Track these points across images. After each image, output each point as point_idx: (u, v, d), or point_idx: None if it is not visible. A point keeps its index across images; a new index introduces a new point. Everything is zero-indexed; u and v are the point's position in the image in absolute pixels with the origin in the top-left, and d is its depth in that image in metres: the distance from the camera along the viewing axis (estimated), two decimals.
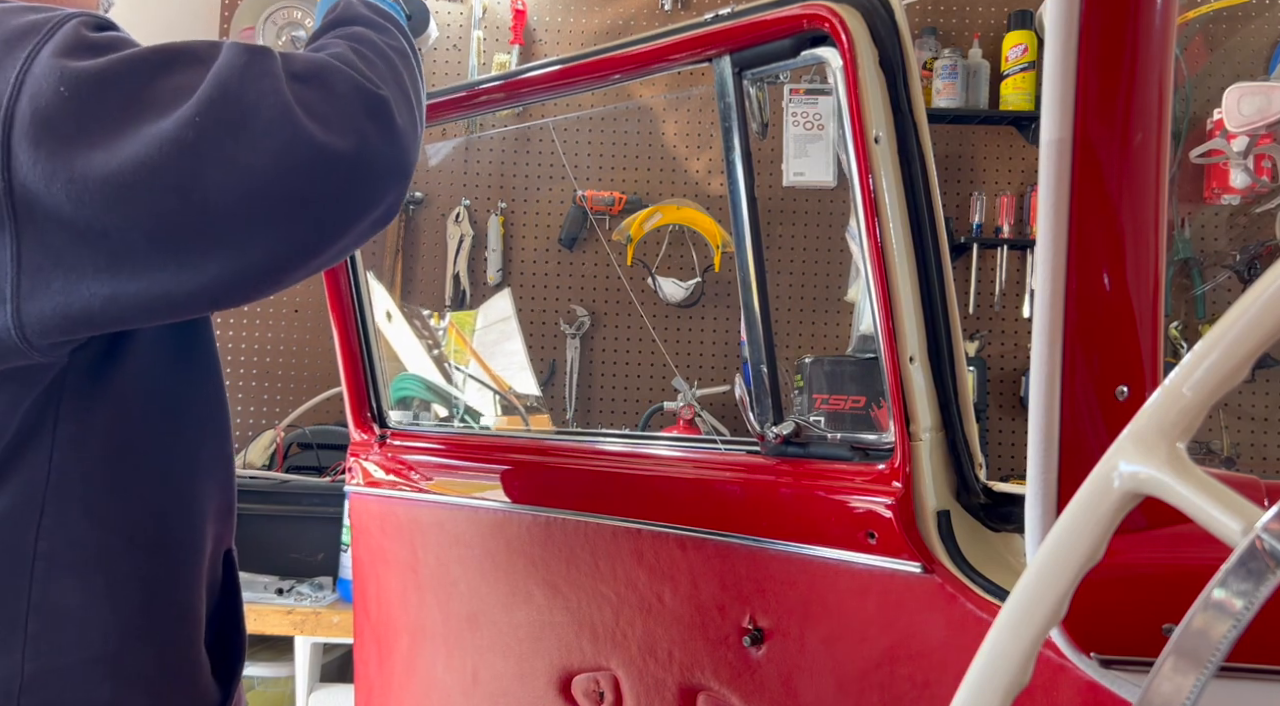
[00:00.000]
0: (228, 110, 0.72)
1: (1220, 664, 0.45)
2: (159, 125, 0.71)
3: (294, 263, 0.77)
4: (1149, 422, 0.50)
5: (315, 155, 0.74)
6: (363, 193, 0.78)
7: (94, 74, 0.73)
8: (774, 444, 1.14)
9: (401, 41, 0.94)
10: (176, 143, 0.71)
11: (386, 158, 0.79)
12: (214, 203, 0.71)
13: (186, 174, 0.71)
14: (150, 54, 0.75)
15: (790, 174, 3.00)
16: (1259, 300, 0.48)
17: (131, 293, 0.75)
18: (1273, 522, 0.44)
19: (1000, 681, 0.51)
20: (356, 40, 0.89)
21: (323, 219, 0.76)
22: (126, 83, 0.73)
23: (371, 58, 0.86)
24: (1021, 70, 3.02)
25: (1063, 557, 0.51)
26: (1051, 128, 0.76)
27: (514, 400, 2.54)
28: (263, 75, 0.75)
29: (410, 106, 0.86)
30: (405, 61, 0.92)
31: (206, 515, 0.97)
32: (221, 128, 0.72)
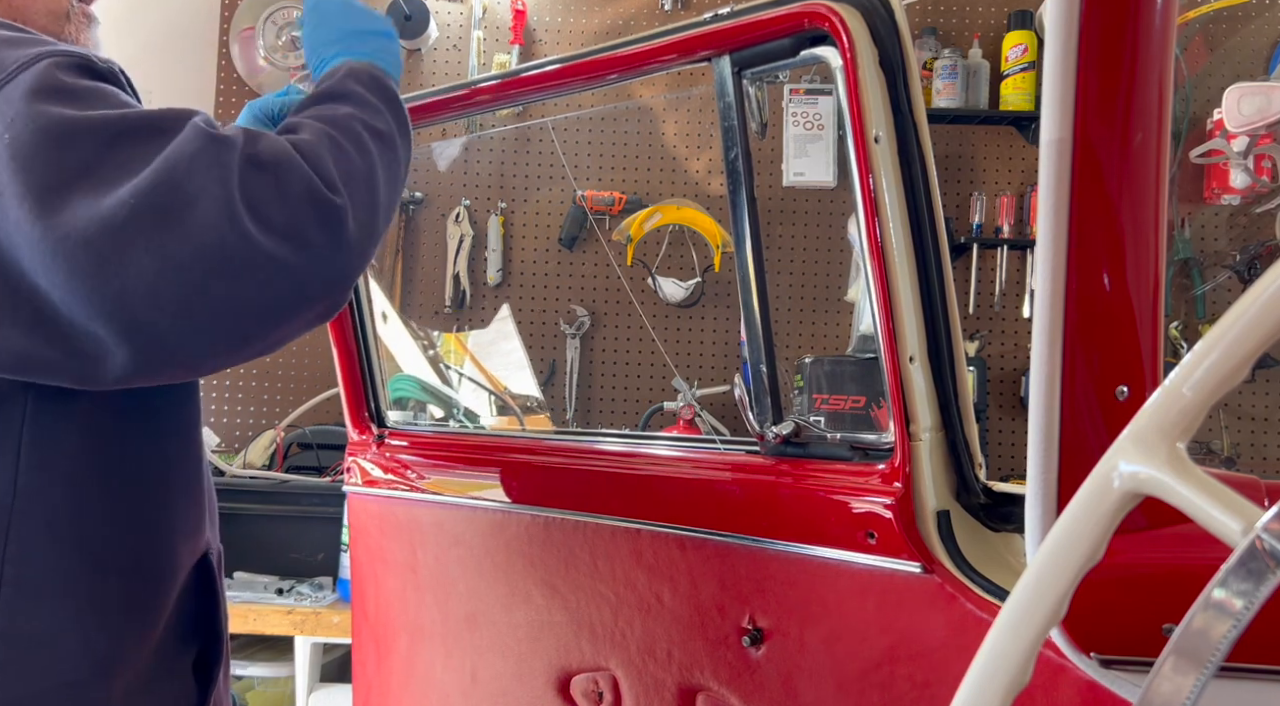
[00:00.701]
0: (166, 196, 0.70)
1: (1220, 664, 0.45)
2: (97, 201, 0.69)
3: (211, 360, 0.76)
4: (1149, 422, 0.50)
5: (248, 259, 0.71)
6: (294, 301, 0.76)
7: (46, 129, 0.70)
8: (774, 444, 1.14)
9: (390, 125, 0.92)
10: (105, 222, 0.69)
11: (327, 268, 0.77)
12: (133, 290, 0.69)
13: (110, 255, 0.69)
14: (110, 121, 0.73)
15: (790, 174, 3.00)
16: (1259, 300, 0.48)
17: (38, 358, 0.73)
18: (1273, 522, 0.44)
19: (1000, 681, 0.51)
20: (338, 126, 0.85)
21: (246, 323, 0.74)
22: (76, 146, 0.71)
23: (347, 149, 0.83)
24: (1021, 70, 3.02)
25: (1063, 557, 0.51)
26: (1051, 128, 0.76)
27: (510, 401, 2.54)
28: (213, 165, 0.72)
29: (373, 209, 0.83)
30: (387, 151, 0.89)
31: (180, 533, 0.94)
32: (155, 214, 0.70)
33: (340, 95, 0.92)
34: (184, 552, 0.95)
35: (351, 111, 0.89)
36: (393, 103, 0.95)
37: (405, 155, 0.94)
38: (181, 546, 0.94)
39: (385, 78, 0.99)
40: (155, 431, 0.92)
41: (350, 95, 0.92)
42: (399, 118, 0.95)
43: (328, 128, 0.84)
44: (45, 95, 0.72)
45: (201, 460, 0.99)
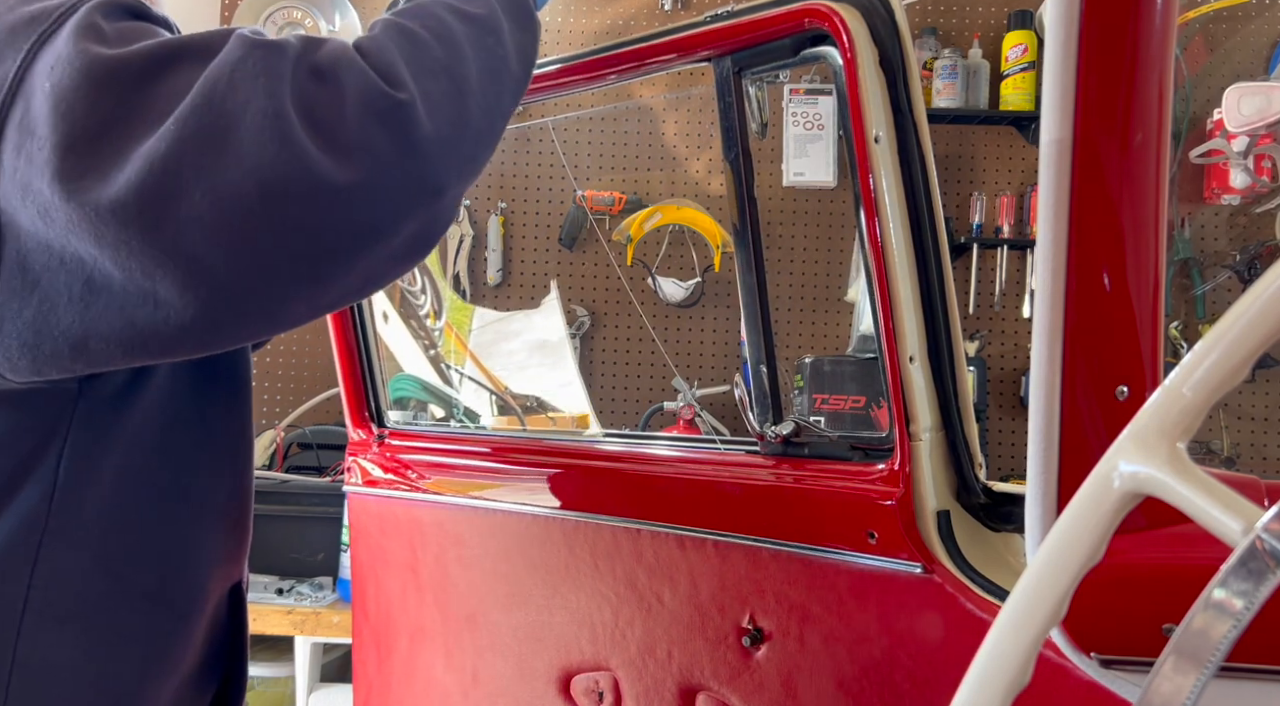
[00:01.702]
0: (209, 119, 0.62)
1: (1220, 664, 0.45)
2: (142, 141, 0.62)
3: (289, 305, 0.67)
4: (1149, 422, 0.50)
5: (306, 181, 0.62)
6: (367, 221, 0.66)
7: (85, 70, 0.63)
8: (774, 444, 1.14)
9: (497, 18, 0.78)
10: (152, 161, 0.61)
11: (398, 178, 0.66)
12: (189, 232, 0.61)
13: (161, 197, 0.61)
14: (149, 52, 0.65)
15: (790, 174, 3.00)
16: (1259, 300, 0.48)
17: (104, 332, 0.65)
18: (1273, 522, 0.44)
19: (1000, 681, 0.51)
20: (416, 14, 0.74)
21: (317, 253, 0.65)
22: (121, 89, 0.64)
23: (420, 38, 0.71)
24: (1021, 70, 3.02)
25: (1063, 557, 0.51)
26: (1051, 128, 0.76)
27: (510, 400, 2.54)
28: (258, 74, 0.63)
29: (459, 98, 0.71)
30: (481, 33, 0.75)
31: (217, 563, 0.87)
32: (200, 142, 0.62)
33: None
34: (217, 582, 0.88)
35: (445, 7, 0.76)
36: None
37: (518, 34, 0.79)
38: (216, 576, 0.87)
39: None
40: (204, 454, 0.84)
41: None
42: (517, 13, 0.81)
43: (402, 19, 0.73)
44: (88, 36, 0.65)
45: (249, 484, 0.91)
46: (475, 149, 0.72)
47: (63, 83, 0.63)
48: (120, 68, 0.64)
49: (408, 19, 0.73)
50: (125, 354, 0.67)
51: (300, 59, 0.65)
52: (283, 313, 0.68)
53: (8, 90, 0.65)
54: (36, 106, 0.63)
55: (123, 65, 0.64)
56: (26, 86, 0.64)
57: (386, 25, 0.72)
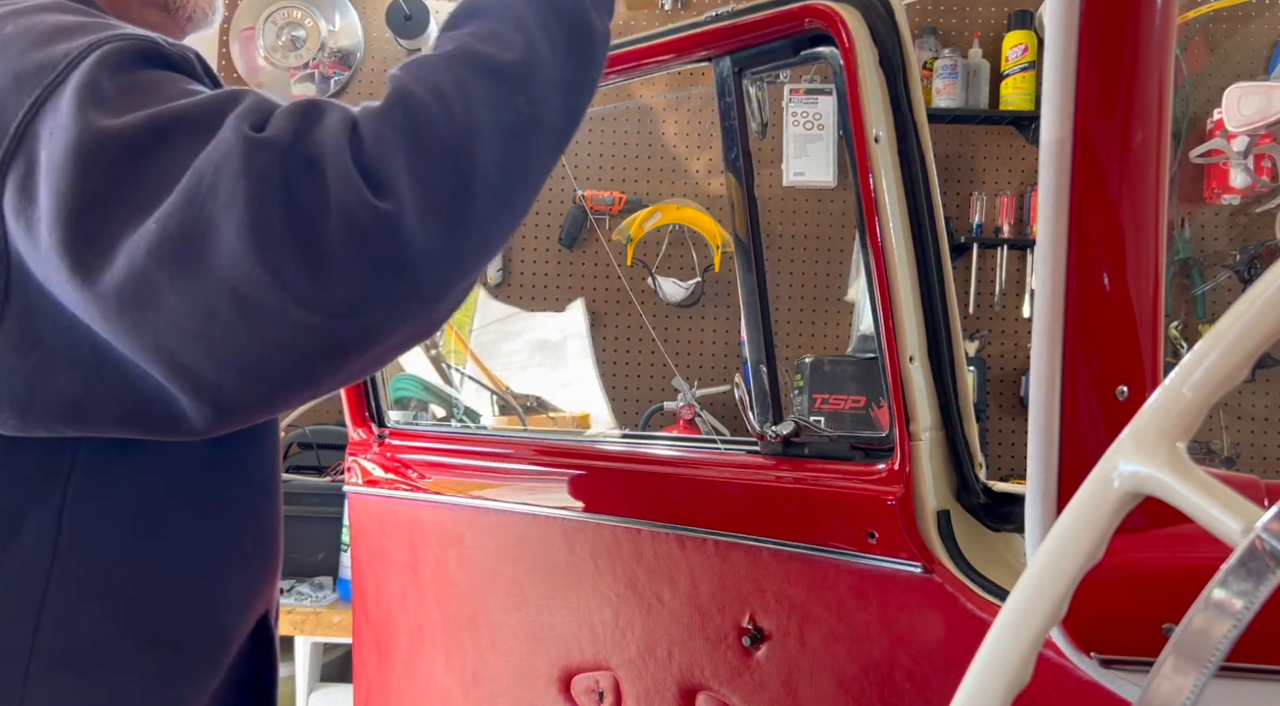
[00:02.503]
0: (189, 223, 0.58)
1: (1220, 664, 0.45)
2: (128, 233, 0.59)
3: (288, 401, 0.64)
4: (1149, 422, 0.50)
5: (280, 294, 0.58)
6: (353, 335, 0.61)
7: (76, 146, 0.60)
8: (774, 444, 1.14)
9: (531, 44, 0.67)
10: (132, 262, 0.58)
11: (385, 294, 0.60)
12: (170, 336, 0.59)
13: (139, 300, 0.58)
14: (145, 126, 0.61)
15: (790, 174, 3.00)
16: (1259, 300, 0.48)
17: (103, 400, 0.63)
18: (1273, 522, 0.44)
19: (1000, 681, 0.51)
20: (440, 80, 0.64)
21: (305, 364, 0.61)
22: (111, 168, 0.60)
23: (431, 120, 0.62)
24: (1021, 70, 3.02)
25: (1063, 557, 0.51)
26: (1051, 127, 0.76)
27: (511, 400, 2.54)
28: (243, 174, 0.58)
29: (460, 203, 0.62)
30: (511, 109, 0.65)
31: (241, 601, 0.82)
32: (178, 246, 0.58)
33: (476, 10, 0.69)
34: (244, 618, 0.83)
35: (469, 43, 0.66)
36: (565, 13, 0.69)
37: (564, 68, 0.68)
38: (241, 616, 0.82)
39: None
40: (229, 492, 0.80)
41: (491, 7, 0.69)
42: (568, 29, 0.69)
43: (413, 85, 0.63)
44: (87, 100, 0.61)
45: (279, 518, 0.87)
46: (482, 243, 0.64)
47: (56, 156, 0.61)
48: (112, 144, 0.60)
49: (420, 85, 0.63)
50: (120, 426, 0.65)
51: (291, 150, 0.59)
52: (282, 406, 0.65)
53: (8, 146, 0.62)
54: (37, 172, 0.61)
55: (114, 140, 0.60)
56: (28, 145, 0.62)
57: (394, 95, 0.64)
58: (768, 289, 1.16)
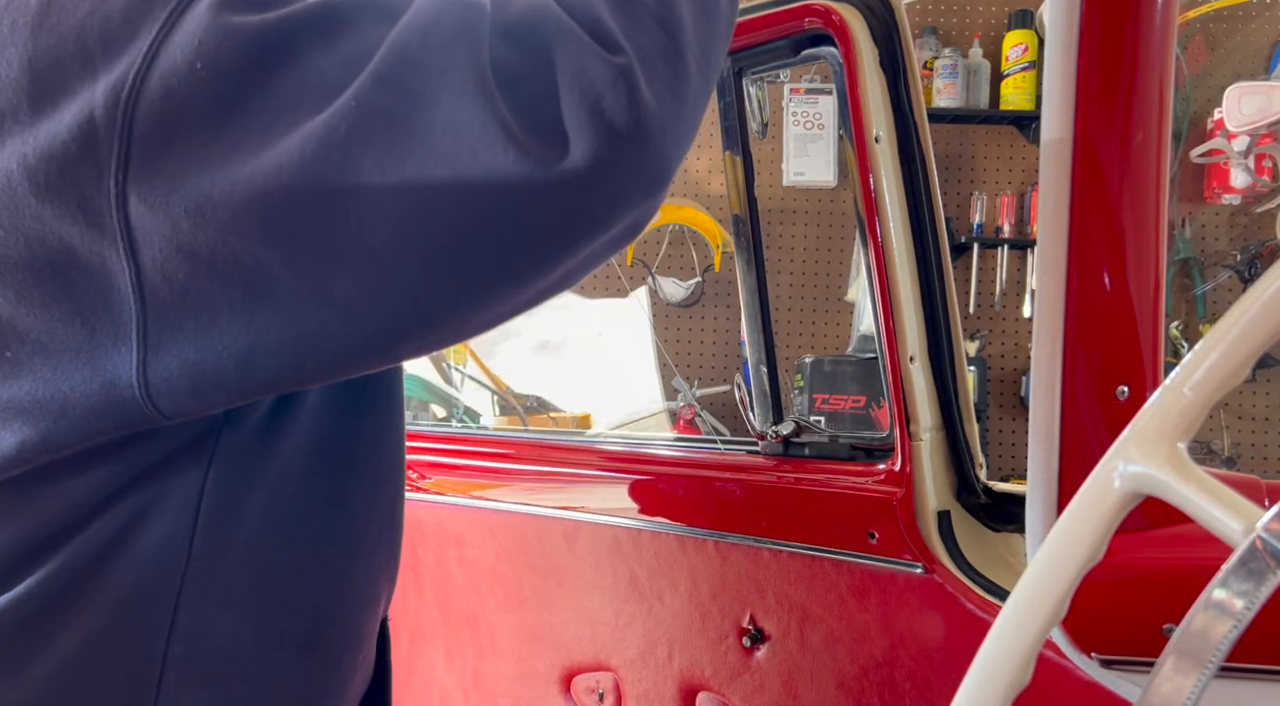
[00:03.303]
0: (396, 96, 0.52)
1: (1221, 664, 0.45)
2: (313, 119, 0.52)
3: (481, 313, 0.58)
4: (1150, 422, 0.50)
5: (513, 168, 0.52)
6: (585, 219, 0.55)
7: (244, 48, 0.53)
8: (774, 444, 1.14)
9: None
10: (326, 142, 0.52)
11: (624, 165, 0.54)
12: (371, 229, 0.53)
13: (336, 185, 0.52)
14: (319, 10, 0.54)
15: (790, 174, 3.00)
16: (1260, 300, 0.48)
17: (274, 342, 0.56)
18: (1273, 522, 0.44)
19: (1000, 682, 0.51)
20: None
21: (523, 257, 0.55)
22: (283, 57, 0.53)
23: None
24: (1022, 70, 3.02)
25: (1063, 557, 0.51)
26: (1052, 127, 0.76)
27: (511, 399, 2.54)
28: (454, 42, 0.52)
29: (675, 66, 0.57)
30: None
31: (370, 599, 0.78)
32: (387, 123, 0.52)
33: None
34: (373, 616, 0.79)
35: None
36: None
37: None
38: (369, 615, 0.78)
39: None
40: (359, 481, 0.75)
41: None
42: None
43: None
44: (236, 4, 0.54)
45: (401, 511, 0.82)
46: (696, 114, 0.59)
47: (219, 61, 0.53)
48: (285, 34, 0.53)
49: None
50: (296, 371, 0.58)
51: (495, 20, 0.54)
52: (473, 323, 0.59)
53: (139, 70, 0.54)
54: (187, 90, 0.53)
55: (286, 31, 0.53)
56: (164, 65, 0.53)
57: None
58: (768, 289, 1.16)
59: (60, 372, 0.57)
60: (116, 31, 0.54)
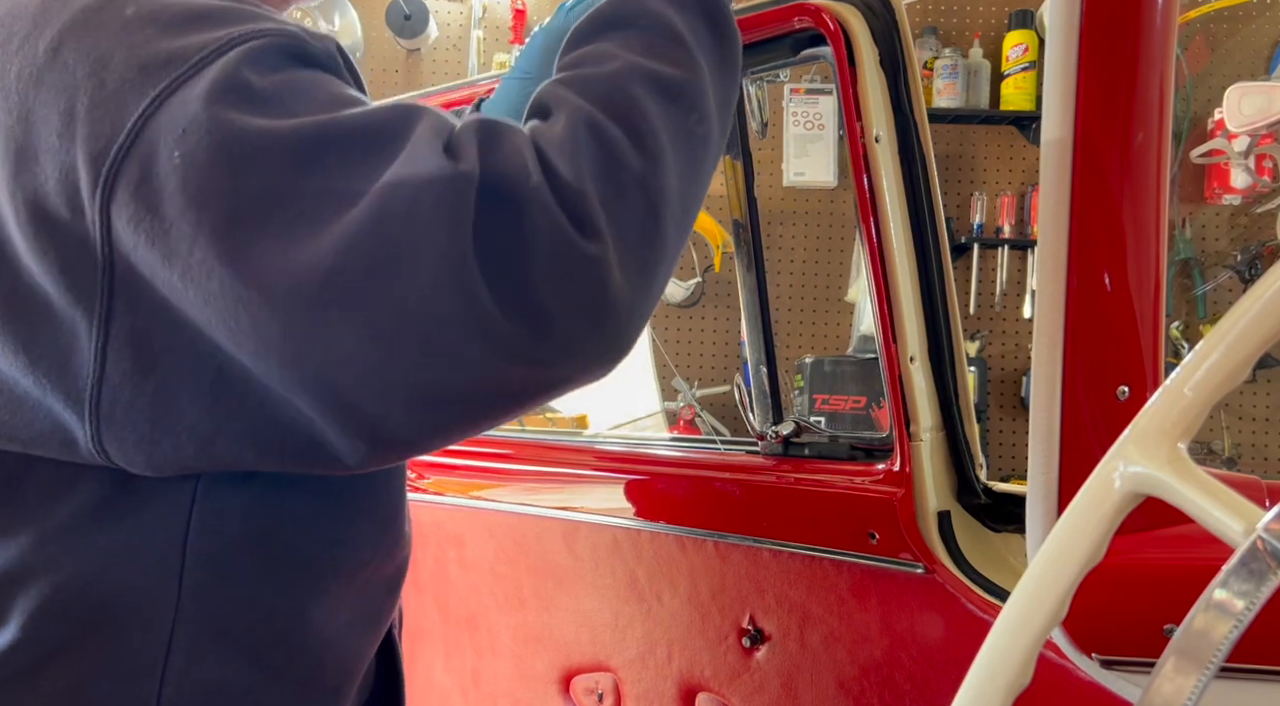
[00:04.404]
0: (377, 250, 0.51)
1: (1221, 664, 0.45)
2: (289, 247, 0.51)
3: (435, 445, 0.59)
4: (1150, 423, 0.50)
5: (484, 343, 0.53)
6: (541, 390, 0.57)
7: (225, 146, 0.52)
8: (774, 444, 1.14)
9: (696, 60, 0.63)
10: (299, 279, 0.51)
11: (587, 349, 0.55)
12: (331, 364, 0.53)
13: (304, 321, 0.52)
14: (310, 133, 0.53)
15: (790, 174, 3.00)
16: (1260, 300, 0.48)
17: (235, 431, 0.56)
18: (1274, 523, 0.44)
19: (1001, 682, 0.51)
20: (605, 96, 0.58)
21: (484, 415, 0.57)
22: (263, 169, 0.52)
23: (622, 150, 0.57)
24: (1022, 70, 3.02)
25: (1064, 558, 0.51)
26: (1052, 127, 0.76)
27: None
28: (442, 205, 0.51)
29: (654, 239, 0.57)
30: (686, 131, 0.61)
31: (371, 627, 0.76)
32: (363, 273, 0.51)
33: (621, 18, 0.63)
34: (372, 642, 0.77)
35: (632, 58, 0.61)
36: (714, 17, 0.65)
37: (720, 80, 0.65)
38: (370, 641, 0.76)
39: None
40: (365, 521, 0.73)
41: (632, 17, 0.63)
42: (717, 36, 0.65)
43: (588, 104, 0.58)
44: (230, 98, 0.53)
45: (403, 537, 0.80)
46: (665, 280, 0.60)
47: (196, 156, 0.52)
48: (275, 146, 0.53)
49: (602, 109, 0.57)
50: (258, 458, 0.58)
51: (489, 183, 0.53)
52: (440, 445, 0.60)
53: (122, 143, 0.54)
54: (161, 178, 0.53)
55: (277, 142, 0.53)
56: (146, 143, 0.53)
57: (572, 116, 0.57)
58: (768, 289, 1.16)
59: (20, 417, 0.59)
60: (108, 103, 0.54)
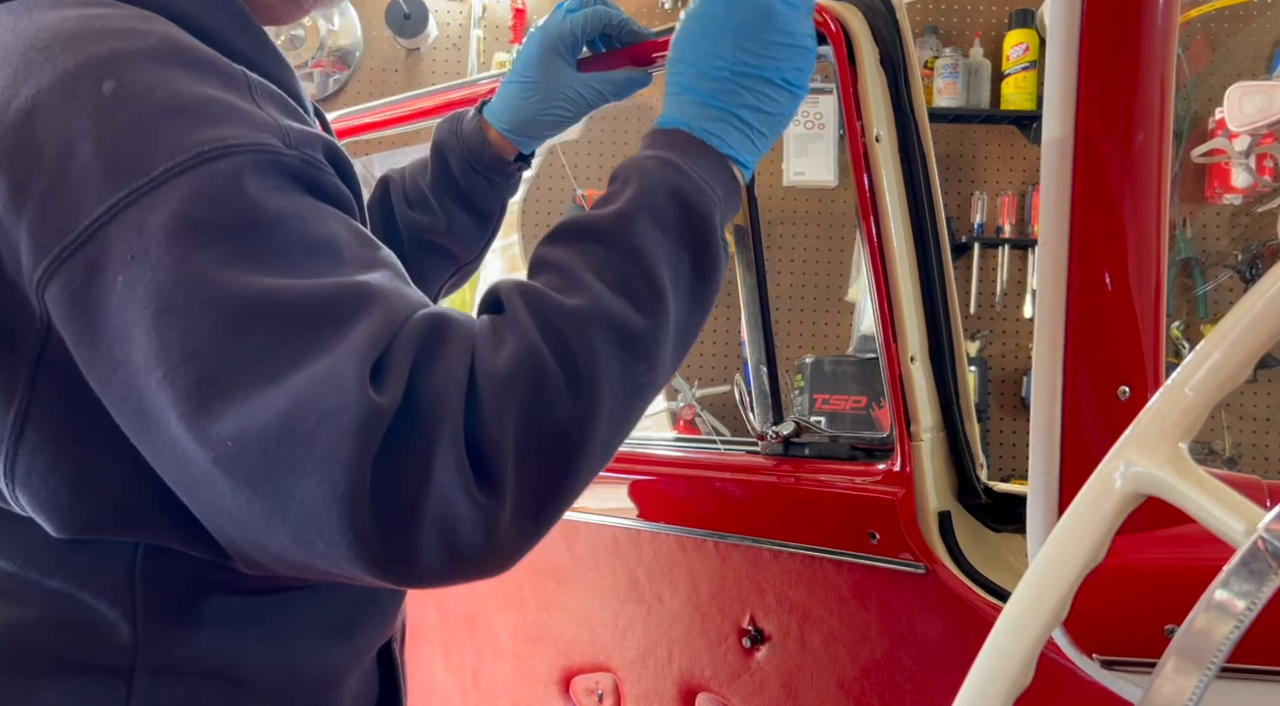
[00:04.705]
0: (269, 456, 0.51)
1: (1222, 665, 0.45)
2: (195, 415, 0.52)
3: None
4: (1151, 423, 0.49)
5: (352, 568, 0.54)
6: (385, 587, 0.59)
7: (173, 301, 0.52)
8: (774, 444, 1.14)
9: (666, 310, 0.61)
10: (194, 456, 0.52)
11: (466, 578, 0.57)
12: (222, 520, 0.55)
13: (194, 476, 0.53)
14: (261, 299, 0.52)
15: (790, 173, 3.00)
16: (1261, 300, 0.48)
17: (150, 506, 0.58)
18: (1275, 523, 0.44)
19: (1002, 682, 0.51)
20: (559, 332, 0.57)
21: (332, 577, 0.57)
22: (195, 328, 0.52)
23: (555, 397, 0.56)
24: (1023, 69, 3.02)
25: (1065, 558, 0.50)
26: (1053, 127, 0.76)
27: None
28: (349, 436, 0.51)
29: (562, 483, 0.58)
30: (630, 379, 0.59)
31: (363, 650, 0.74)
32: (249, 469, 0.52)
33: (604, 235, 0.62)
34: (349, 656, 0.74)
35: (600, 293, 0.59)
36: (699, 257, 0.64)
37: (682, 341, 0.64)
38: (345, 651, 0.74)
39: (706, 203, 0.65)
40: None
41: (617, 241, 0.62)
42: (699, 276, 0.64)
43: (539, 338, 0.56)
44: (183, 234, 0.52)
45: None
46: (561, 516, 0.60)
47: (137, 291, 0.52)
48: (208, 305, 0.52)
49: (548, 338, 0.56)
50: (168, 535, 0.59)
51: (404, 420, 0.53)
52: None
53: (70, 243, 0.53)
54: (101, 292, 0.53)
55: (211, 302, 0.52)
56: (93, 250, 0.52)
57: (519, 349, 0.56)
58: (768, 289, 1.16)
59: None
60: (64, 194, 0.53)
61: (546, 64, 0.93)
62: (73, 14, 0.58)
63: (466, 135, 0.98)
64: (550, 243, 0.64)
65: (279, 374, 0.52)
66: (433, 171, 1.00)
